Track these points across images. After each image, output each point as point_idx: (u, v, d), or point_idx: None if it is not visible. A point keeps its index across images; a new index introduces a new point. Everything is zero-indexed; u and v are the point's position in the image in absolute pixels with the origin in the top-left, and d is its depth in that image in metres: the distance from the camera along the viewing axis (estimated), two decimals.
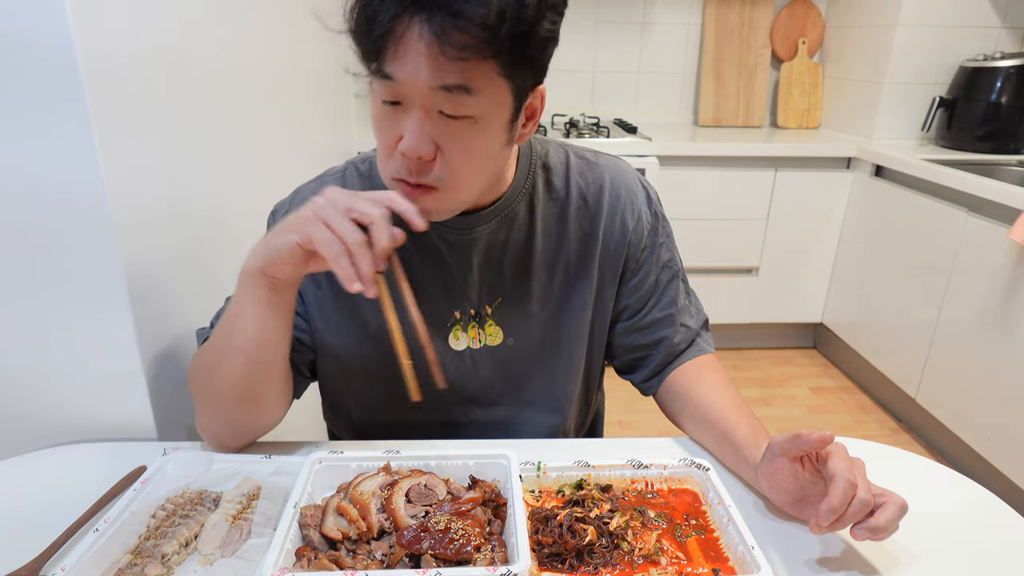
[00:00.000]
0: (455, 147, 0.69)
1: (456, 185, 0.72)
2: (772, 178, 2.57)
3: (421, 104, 0.66)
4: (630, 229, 0.89)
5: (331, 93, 2.00)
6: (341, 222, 0.66)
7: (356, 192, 0.68)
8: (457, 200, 0.75)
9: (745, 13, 2.93)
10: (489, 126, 0.69)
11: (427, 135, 0.67)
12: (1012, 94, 2.33)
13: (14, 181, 0.74)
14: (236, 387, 0.77)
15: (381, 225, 0.66)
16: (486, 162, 0.73)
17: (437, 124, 0.67)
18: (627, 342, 0.93)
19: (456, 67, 0.63)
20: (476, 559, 0.63)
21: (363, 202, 0.66)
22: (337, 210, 0.66)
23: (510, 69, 0.66)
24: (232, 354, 0.75)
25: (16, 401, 0.85)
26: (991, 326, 1.93)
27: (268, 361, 0.77)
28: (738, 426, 0.81)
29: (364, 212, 0.66)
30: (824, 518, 0.63)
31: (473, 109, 0.67)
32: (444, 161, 0.69)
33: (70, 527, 0.68)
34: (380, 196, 0.67)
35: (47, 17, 0.68)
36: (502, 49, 0.63)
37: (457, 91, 0.65)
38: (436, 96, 0.65)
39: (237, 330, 0.74)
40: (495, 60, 0.64)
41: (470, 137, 0.69)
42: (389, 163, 0.71)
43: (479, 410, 0.91)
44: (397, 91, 0.66)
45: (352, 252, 0.65)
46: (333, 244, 0.65)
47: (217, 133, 1.07)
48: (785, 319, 2.83)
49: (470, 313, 0.87)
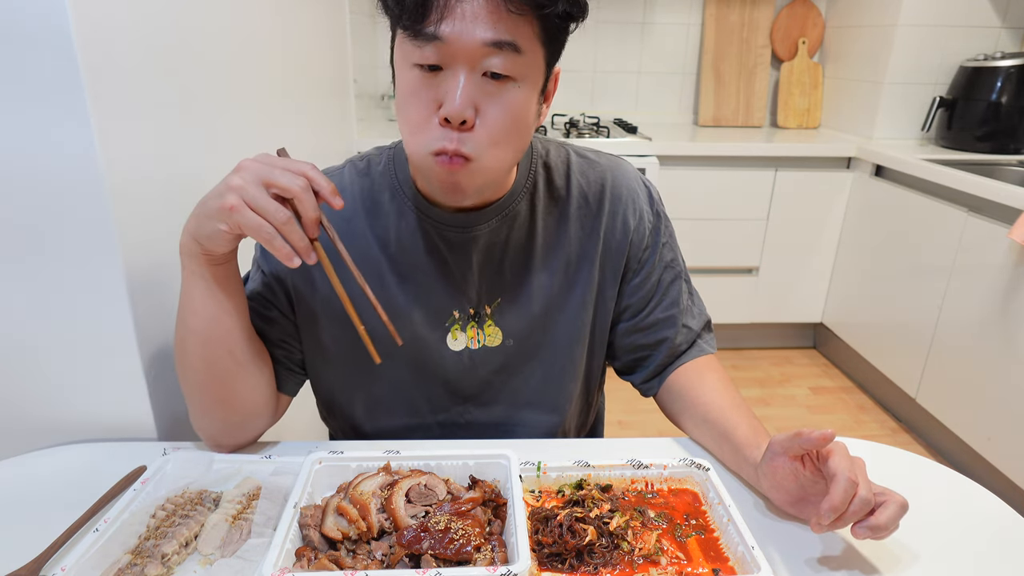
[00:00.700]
0: (495, 109, 0.69)
1: (490, 154, 0.71)
2: (772, 178, 2.57)
3: (467, 63, 0.66)
4: (631, 229, 0.89)
5: (331, 93, 2.00)
6: (265, 202, 0.64)
7: (272, 162, 0.67)
8: (488, 174, 0.74)
9: (745, 13, 2.93)
10: (527, 91, 0.71)
11: (469, 97, 0.67)
12: (1012, 94, 2.33)
13: (14, 181, 0.74)
14: (200, 371, 0.77)
15: (304, 197, 0.65)
16: (520, 130, 0.73)
17: (480, 85, 0.68)
18: (628, 342, 0.93)
19: (512, 22, 0.65)
20: (476, 559, 0.63)
21: (282, 174, 0.65)
22: (258, 189, 0.65)
23: (549, 34, 0.69)
24: (190, 338, 0.75)
25: (16, 401, 0.85)
26: (991, 326, 1.93)
27: (225, 338, 0.76)
28: (738, 426, 0.81)
29: (285, 187, 0.65)
30: (825, 517, 0.63)
31: (518, 68, 0.68)
32: (483, 125, 0.69)
33: (70, 527, 0.68)
34: (297, 167, 0.66)
35: (47, 14, 0.68)
36: (557, 4, 0.66)
37: (507, 48, 0.66)
38: (485, 53, 0.66)
39: (189, 311, 0.74)
40: (541, 22, 0.67)
41: (509, 100, 0.69)
42: (424, 135, 0.70)
43: (476, 410, 0.91)
44: (442, 52, 0.66)
45: (282, 231, 0.65)
46: (263, 228, 0.65)
47: (217, 134, 1.07)
48: (785, 319, 2.83)
49: (469, 313, 0.87)
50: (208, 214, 0.67)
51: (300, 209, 0.66)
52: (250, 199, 0.65)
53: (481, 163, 0.71)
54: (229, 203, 0.65)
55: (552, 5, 0.66)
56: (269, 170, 0.66)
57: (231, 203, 0.65)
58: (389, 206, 0.84)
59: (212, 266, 0.72)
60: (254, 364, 0.81)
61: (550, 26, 0.68)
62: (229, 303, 0.75)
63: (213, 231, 0.67)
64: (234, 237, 0.69)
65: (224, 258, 0.73)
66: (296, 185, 0.65)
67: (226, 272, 0.74)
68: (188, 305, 0.74)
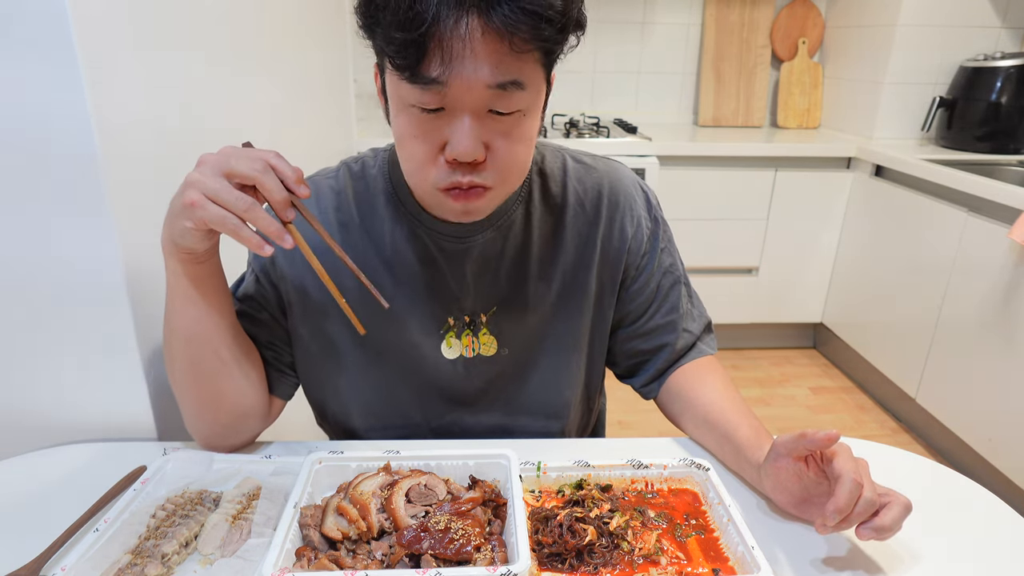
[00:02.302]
0: (505, 144, 0.67)
1: (506, 181, 0.71)
2: (772, 178, 2.57)
3: (472, 106, 0.63)
4: (629, 236, 0.88)
5: (331, 93, 1.99)
6: (226, 193, 0.63)
7: (231, 152, 0.65)
8: (505, 195, 0.74)
9: (745, 13, 2.93)
10: (533, 117, 0.69)
11: (478, 138, 0.65)
12: (1012, 94, 2.33)
13: (14, 180, 0.74)
14: (186, 371, 0.76)
15: (266, 180, 0.63)
16: (529, 152, 0.72)
17: (486, 124, 0.66)
18: (628, 348, 0.93)
19: (516, 61, 0.62)
20: (476, 559, 0.63)
21: (239, 161, 0.63)
22: (218, 181, 0.63)
23: (550, 58, 0.66)
24: (174, 337, 0.75)
25: (16, 401, 0.85)
26: (991, 326, 1.93)
27: (209, 338, 0.75)
28: (739, 426, 0.81)
29: (244, 174, 0.63)
30: (831, 518, 0.62)
31: (523, 103, 0.66)
32: (494, 159, 0.68)
33: (70, 527, 0.68)
34: (258, 153, 0.65)
35: (49, 25, 0.68)
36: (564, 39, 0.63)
37: (512, 87, 0.63)
38: (489, 95, 0.63)
39: (172, 310, 0.74)
40: (544, 53, 0.64)
41: (519, 131, 0.68)
42: (430, 173, 0.69)
43: (470, 418, 0.90)
44: (445, 96, 0.63)
45: (247, 218, 0.63)
46: (227, 220, 0.63)
47: (218, 134, 1.07)
48: (785, 319, 2.83)
49: (464, 321, 0.86)
50: (175, 213, 0.66)
51: (265, 193, 0.64)
52: (210, 192, 0.63)
53: (498, 190, 0.71)
54: (190, 199, 0.63)
55: (559, 42, 0.63)
56: (226, 160, 0.64)
57: (191, 199, 0.63)
58: (384, 211, 0.83)
59: (192, 265, 0.71)
60: (241, 365, 0.79)
61: (552, 50, 0.66)
62: (211, 302, 0.74)
63: (182, 229, 0.66)
64: (205, 234, 0.67)
65: (204, 256, 0.71)
66: (255, 170, 0.63)
67: (207, 271, 0.73)
68: (171, 304, 0.74)
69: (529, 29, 0.59)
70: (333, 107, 2.02)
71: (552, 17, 0.60)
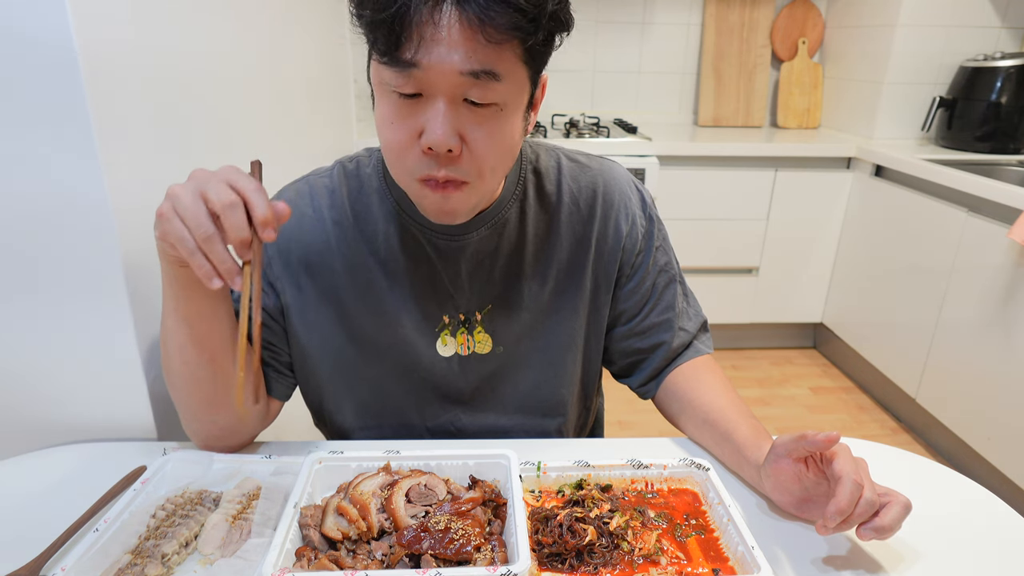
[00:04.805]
0: (481, 136, 0.67)
1: (483, 177, 0.70)
2: (772, 178, 2.57)
3: (447, 93, 0.64)
4: (624, 234, 0.88)
5: (331, 93, 1.99)
6: (193, 213, 0.60)
7: (218, 174, 0.62)
8: (483, 194, 0.73)
9: (745, 13, 2.93)
10: (512, 113, 0.69)
11: (452, 126, 0.66)
12: (1012, 94, 2.33)
13: (14, 181, 0.74)
14: (182, 373, 0.76)
15: (229, 214, 0.60)
16: (510, 151, 0.72)
17: (462, 113, 0.66)
18: (624, 347, 0.93)
19: (491, 51, 0.62)
20: (476, 559, 0.63)
21: (215, 186, 0.61)
22: (194, 199, 0.60)
23: (532, 54, 0.66)
24: (169, 339, 0.74)
25: (16, 401, 0.85)
26: (991, 326, 1.93)
27: (204, 340, 0.74)
28: (738, 426, 0.81)
29: (212, 200, 0.60)
30: (831, 519, 0.62)
31: (500, 96, 0.66)
32: (470, 153, 0.68)
33: (70, 527, 0.68)
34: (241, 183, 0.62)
35: (47, 19, 0.68)
36: (538, 32, 0.63)
37: (485, 77, 0.63)
38: (463, 83, 0.63)
39: (166, 313, 0.74)
40: (522, 45, 0.64)
41: (495, 126, 0.68)
42: (407, 161, 0.69)
43: (466, 416, 0.90)
44: (420, 80, 0.63)
45: (203, 247, 0.61)
46: (184, 241, 0.61)
47: (217, 133, 1.07)
48: (785, 319, 2.83)
49: (459, 319, 0.86)
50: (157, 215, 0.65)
51: (222, 229, 0.61)
52: (180, 209, 0.61)
53: (474, 186, 0.71)
54: (161, 209, 0.62)
55: (533, 33, 0.63)
56: (206, 181, 0.61)
57: (162, 209, 0.62)
58: (378, 210, 0.83)
59: (185, 267, 0.69)
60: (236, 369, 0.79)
61: (533, 48, 0.65)
62: (206, 304, 0.73)
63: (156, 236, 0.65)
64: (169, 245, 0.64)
65: None
66: (223, 199, 0.60)
67: None
68: (165, 306, 0.73)
69: (502, 18, 0.60)
70: (333, 107, 2.02)
71: (525, 8, 0.61)
